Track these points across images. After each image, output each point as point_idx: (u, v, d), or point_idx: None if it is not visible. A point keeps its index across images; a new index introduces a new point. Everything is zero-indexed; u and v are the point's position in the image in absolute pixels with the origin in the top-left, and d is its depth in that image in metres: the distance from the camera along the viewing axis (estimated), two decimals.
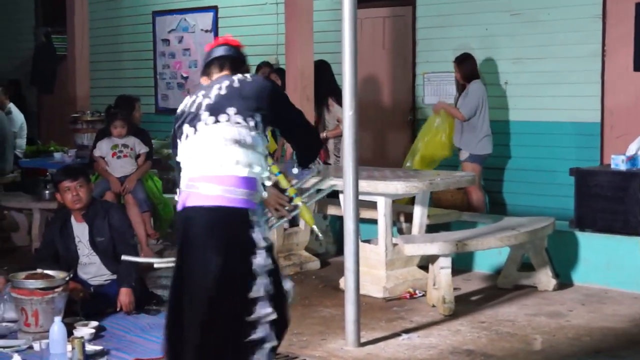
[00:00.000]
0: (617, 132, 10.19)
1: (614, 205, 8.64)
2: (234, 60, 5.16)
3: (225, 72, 5.08)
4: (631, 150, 8.80)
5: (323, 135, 10.58)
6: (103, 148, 10.20)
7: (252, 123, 4.79)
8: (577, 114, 10.44)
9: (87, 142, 11.54)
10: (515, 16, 10.86)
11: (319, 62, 10.80)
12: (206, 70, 5.15)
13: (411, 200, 9.04)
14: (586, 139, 10.42)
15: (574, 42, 10.41)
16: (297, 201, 5.10)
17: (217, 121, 4.77)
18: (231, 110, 4.77)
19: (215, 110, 4.80)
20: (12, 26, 17.89)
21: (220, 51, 5.19)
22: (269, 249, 4.76)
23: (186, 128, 4.89)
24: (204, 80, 5.12)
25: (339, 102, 10.32)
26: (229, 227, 4.73)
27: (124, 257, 6.53)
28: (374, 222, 8.53)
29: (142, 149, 10.25)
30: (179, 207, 4.86)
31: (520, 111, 10.87)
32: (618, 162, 8.77)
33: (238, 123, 4.76)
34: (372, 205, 8.43)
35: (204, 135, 4.80)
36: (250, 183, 4.74)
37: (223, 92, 4.86)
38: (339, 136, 10.67)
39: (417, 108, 11.80)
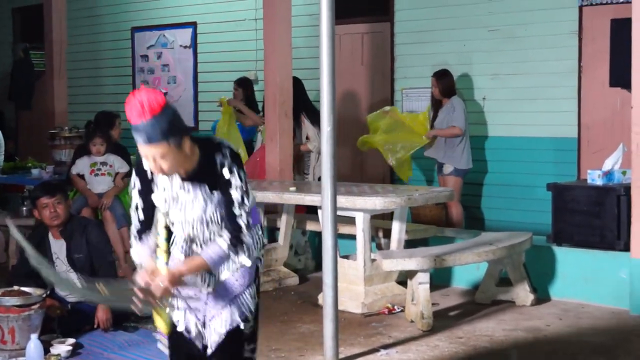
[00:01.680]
0: (593, 148, 10.24)
1: (590, 220, 8.67)
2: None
3: None
4: (607, 165, 8.83)
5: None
6: (81, 165, 10.17)
7: None
8: (554, 129, 10.48)
9: (65, 158, 11.51)
10: (493, 32, 10.90)
11: (293, 79, 10.82)
12: None
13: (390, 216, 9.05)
14: (563, 154, 10.46)
15: (551, 58, 10.46)
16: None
17: None
18: None
19: None
20: None
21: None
22: None
23: None
24: None
25: (310, 118, 10.40)
26: None
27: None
28: (353, 237, 8.54)
29: (122, 167, 10.22)
30: None
31: (497, 126, 10.91)
32: (594, 177, 8.80)
33: None
34: (351, 221, 8.44)
35: None
36: None
37: None
38: (307, 152, 10.72)
39: None
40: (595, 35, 10.15)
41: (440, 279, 9.10)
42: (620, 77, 9.14)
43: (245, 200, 4.56)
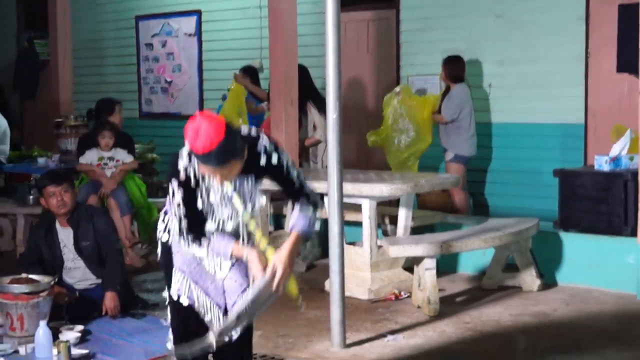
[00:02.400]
0: (600, 133, 10.25)
1: (597, 206, 8.70)
2: None
3: None
4: (614, 151, 8.85)
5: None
6: (89, 157, 10.22)
7: None
8: (560, 115, 10.51)
9: (71, 147, 11.54)
10: (499, 18, 10.93)
11: (298, 67, 10.86)
12: None
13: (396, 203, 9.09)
14: (570, 140, 10.49)
15: (558, 44, 10.48)
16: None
17: None
18: None
19: None
20: None
21: None
22: None
23: None
24: None
25: (317, 106, 10.41)
26: None
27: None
28: (359, 224, 8.58)
29: (126, 159, 10.25)
30: None
31: (504, 113, 10.95)
32: (601, 163, 8.83)
33: None
34: (357, 208, 8.48)
35: None
36: None
37: None
38: (314, 145, 10.77)
39: None
40: (602, 21, 10.16)
41: (446, 265, 9.14)
42: (627, 63, 9.18)
43: (300, 174, 4.83)
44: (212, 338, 4.63)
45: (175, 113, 14.55)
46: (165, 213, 5.02)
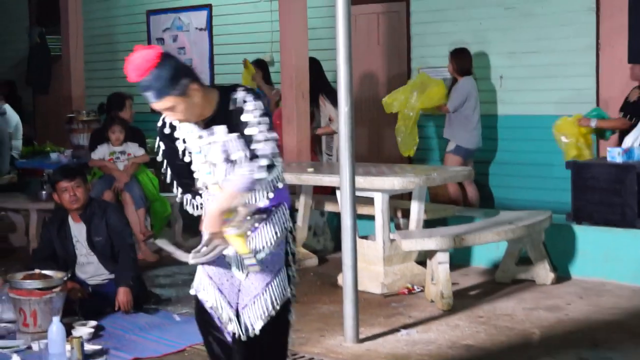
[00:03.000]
0: None
1: (610, 198, 8.65)
2: None
3: None
4: (627, 142, 8.81)
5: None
6: (101, 152, 10.20)
7: None
8: (572, 107, 10.43)
9: (83, 142, 11.55)
10: (509, 10, 10.87)
11: (311, 60, 10.83)
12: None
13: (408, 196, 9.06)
14: None
15: (568, 35, 10.43)
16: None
17: None
18: None
19: None
20: (6, 27, 17.89)
21: None
22: None
23: None
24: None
25: (330, 99, 10.39)
26: None
27: (158, 242, 5.05)
28: (372, 218, 8.54)
29: (137, 152, 10.25)
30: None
31: (515, 105, 10.89)
32: (614, 155, 8.77)
33: None
34: (369, 202, 8.44)
35: None
36: None
37: None
38: (329, 134, 10.75)
39: None
40: (613, 11, 10.10)
41: (459, 258, 9.10)
42: (639, 53, 9.10)
43: (262, 128, 4.51)
44: (187, 257, 4.60)
45: None
46: None
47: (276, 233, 4.71)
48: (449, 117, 10.64)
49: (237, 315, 4.74)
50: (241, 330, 4.71)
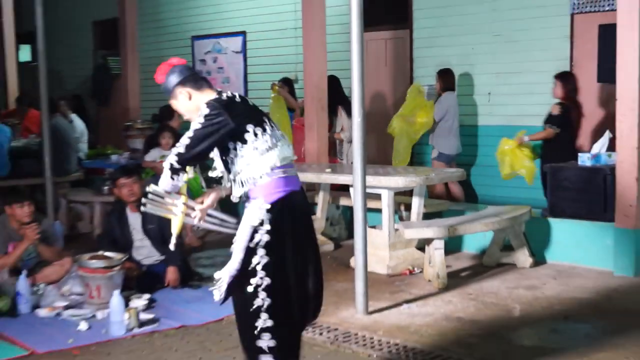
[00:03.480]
0: (583, 134, 10.19)
1: (581, 196, 8.65)
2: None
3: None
4: (595, 149, 8.80)
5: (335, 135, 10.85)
6: (153, 155, 10.26)
7: None
8: None
9: (138, 146, 11.61)
10: (497, 37, 10.86)
11: (331, 77, 10.88)
12: (203, 84, 4.78)
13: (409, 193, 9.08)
14: None
15: (546, 58, 10.41)
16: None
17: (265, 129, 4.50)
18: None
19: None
20: (75, 50, 17.96)
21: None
22: None
23: (264, 119, 4.52)
24: (208, 92, 4.69)
25: (346, 110, 10.44)
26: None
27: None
28: (379, 211, 8.57)
29: None
30: (283, 193, 4.43)
31: (500, 117, 10.88)
32: (584, 160, 8.77)
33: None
34: (377, 197, 8.47)
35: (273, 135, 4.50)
36: None
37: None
38: (341, 141, 10.81)
39: None
40: (584, 39, 10.10)
41: (453, 245, 9.11)
42: (606, 74, 9.11)
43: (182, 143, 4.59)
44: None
45: None
46: None
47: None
48: (433, 128, 10.65)
49: None
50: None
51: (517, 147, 9.58)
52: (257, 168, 4.41)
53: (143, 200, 4.57)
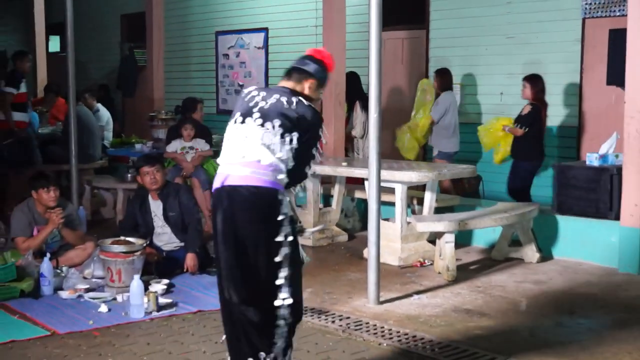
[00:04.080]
0: (591, 135, 10.16)
1: (587, 194, 8.60)
2: (301, 72, 4.81)
3: (288, 82, 4.79)
4: (603, 149, 8.75)
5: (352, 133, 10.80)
6: (174, 146, 10.24)
7: (288, 138, 4.53)
8: (558, 119, 10.41)
9: (162, 136, 11.61)
10: (510, 39, 10.82)
11: (351, 73, 10.84)
12: (286, 74, 4.85)
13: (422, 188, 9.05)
14: (566, 140, 10.38)
15: (558, 60, 10.37)
16: None
17: (262, 125, 4.53)
18: (276, 122, 4.53)
19: (265, 116, 4.55)
20: (102, 42, 18.01)
21: (300, 62, 4.87)
22: (292, 222, 4.57)
23: (237, 115, 4.65)
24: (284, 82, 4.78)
25: (363, 106, 10.40)
26: (261, 203, 4.51)
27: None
28: (392, 204, 8.54)
29: (204, 147, 10.26)
30: (218, 185, 4.59)
31: (512, 116, 10.81)
32: (592, 159, 8.72)
33: (276, 134, 4.52)
34: (391, 191, 8.44)
35: (248, 130, 4.57)
36: (274, 173, 4.52)
37: (276, 104, 4.59)
38: (354, 137, 10.80)
39: None
40: (595, 43, 10.04)
41: (463, 239, 9.06)
42: (615, 77, 9.05)
43: None
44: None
45: None
46: None
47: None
48: (433, 128, 10.59)
49: None
50: None
51: (500, 130, 9.82)
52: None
53: None
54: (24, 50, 13.11)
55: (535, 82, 9.57)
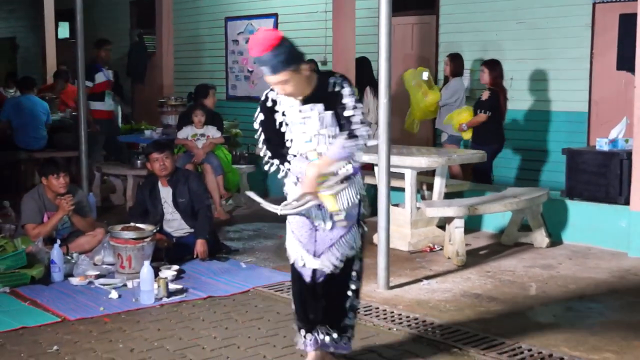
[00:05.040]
0: (601, 120, 10.13)
1: (597, 179, 8.59)
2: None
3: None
4: (612, 134, 8.74)
5: None
6: (185, 133, 10.25)
7: None
8: (569, 104, 10.38)
9: (172, 122, 11.60)
10: (520, 24, 10.79)
11: (362, 58, 10.83)
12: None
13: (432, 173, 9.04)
14: (576, 125, 10.36)
15: (568, 46, 10.34)
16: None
17: None
18: None
19: None
20: (111, 28, 17.98)
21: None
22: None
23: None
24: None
25: (373, 92, 10.36)
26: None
27: (248, 193, 4.98)
28: (402, 189, 8.53)
29: (216, 135, 10.26)
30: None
31: (522, 102, 10.82)
32: (602, 144, 8.71)
33: None
34: (401, 176, 8.43)
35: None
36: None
37: None
38: None
39: None
40: (606, 28, 10.01)
41: (472, 224, 9.07)
42: (625, 62, 9.01)
43: (358, 113, 4.54)
44: (276, 208, 4.55)
45: (255, 97, 14.52)
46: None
47: (355, 195, 4.72)
48: (439, 112, 10.56)
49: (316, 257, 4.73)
50: (321, 266, 4.71)
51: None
52: None
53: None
54: (104, 38, 13.18)
55: (493, 67, 9.70)
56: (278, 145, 4.71)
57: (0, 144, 11.95)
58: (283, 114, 4.66)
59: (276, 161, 4.72)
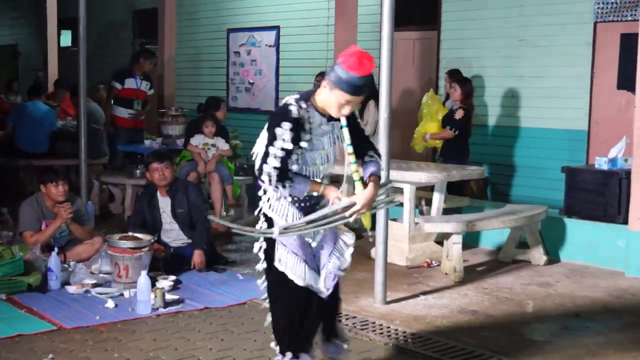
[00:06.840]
0: (600, 139, 10.11)
1: (596, 198, 8.60)
2: None
3: None
4: (612, 153, 8.75)
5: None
6: (197, 141, 10.22)
7: None
8: (568, 122, 10.36)
9: (172, 132, 11.58)
10: (521, 42, 10.79)
11: None
12: None
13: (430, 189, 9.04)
14: (575, 143, 10.34)
15: (569, 64, 10.33)
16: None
17: None
18: None
19: None
20: (115, 39, 18.03)
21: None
22: None
23: None
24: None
25: (377, 105, 10.32)
26: None
27: (209, 217, 5.79)
28: (401, 204, 8.52)
29: (224, 147, 10.25)
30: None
31: (523, 119, 10.81)
32: (601, 163, 8.72)
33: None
34: (400, 191, 8.43)
35: None
36: None
37: None
38: None
39: None
40: (606, 46, 10.01)
41: (470, 240, 9.06)
42: (626, 81, 9.03)
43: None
44: (276, 230, 4.47)
45: (255, 108, 14.58)
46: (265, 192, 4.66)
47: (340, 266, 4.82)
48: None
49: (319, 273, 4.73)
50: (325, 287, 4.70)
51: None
52: None
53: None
54: (151, 50, 13.29)
55: (465, 84, 9.75)
56: (288, 163, 4.48)
57: (2, 149, 11.97)
58: (310, 131, 4.51)
59: (288, 182, 4.47)
